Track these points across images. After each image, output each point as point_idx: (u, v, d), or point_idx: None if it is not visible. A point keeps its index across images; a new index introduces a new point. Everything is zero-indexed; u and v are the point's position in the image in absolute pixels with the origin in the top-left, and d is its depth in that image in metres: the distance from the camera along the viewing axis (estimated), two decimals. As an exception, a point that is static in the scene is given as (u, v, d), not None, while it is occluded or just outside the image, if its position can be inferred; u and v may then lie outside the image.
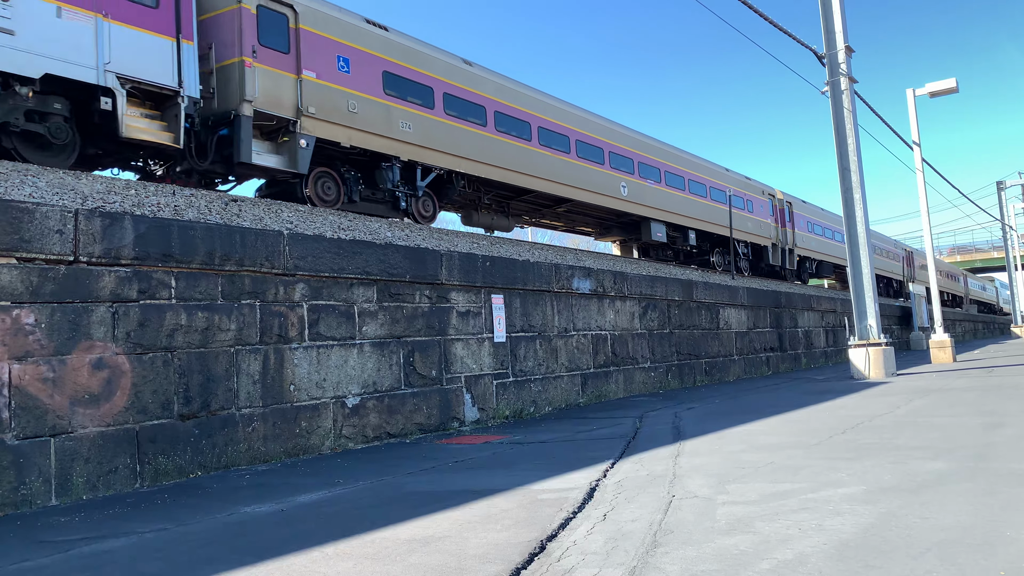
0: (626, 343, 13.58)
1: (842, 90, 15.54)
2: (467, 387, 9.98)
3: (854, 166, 15.42)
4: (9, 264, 5.84)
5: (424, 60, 13.41)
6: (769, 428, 8.04)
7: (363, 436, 8.47)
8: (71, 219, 6.21)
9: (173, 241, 6.89)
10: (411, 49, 13.19)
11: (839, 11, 15.58)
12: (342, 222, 10.07)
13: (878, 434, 7.06)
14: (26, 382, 5.82)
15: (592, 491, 5.21)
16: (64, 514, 5.50)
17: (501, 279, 10.72)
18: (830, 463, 5.70)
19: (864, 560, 3.32)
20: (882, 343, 14.92)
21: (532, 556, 3.73)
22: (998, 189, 43.48)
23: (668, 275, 16.08)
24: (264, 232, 7.72)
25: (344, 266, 8.45)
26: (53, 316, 6.04)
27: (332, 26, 11.68)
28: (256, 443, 7.40)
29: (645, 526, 4.15)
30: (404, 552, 3.92)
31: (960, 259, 72.54)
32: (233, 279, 7.42)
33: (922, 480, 4.88)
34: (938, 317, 20.85)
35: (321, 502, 5.39)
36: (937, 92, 21.14)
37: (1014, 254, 45.07)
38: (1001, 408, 8.47)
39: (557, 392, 11.68)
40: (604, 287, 13.00)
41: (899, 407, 9.23)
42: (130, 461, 6.40)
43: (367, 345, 8.68)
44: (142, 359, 6.60)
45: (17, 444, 5.72)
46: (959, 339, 39.88)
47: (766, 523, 4.04)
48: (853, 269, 15.49)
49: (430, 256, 9.62)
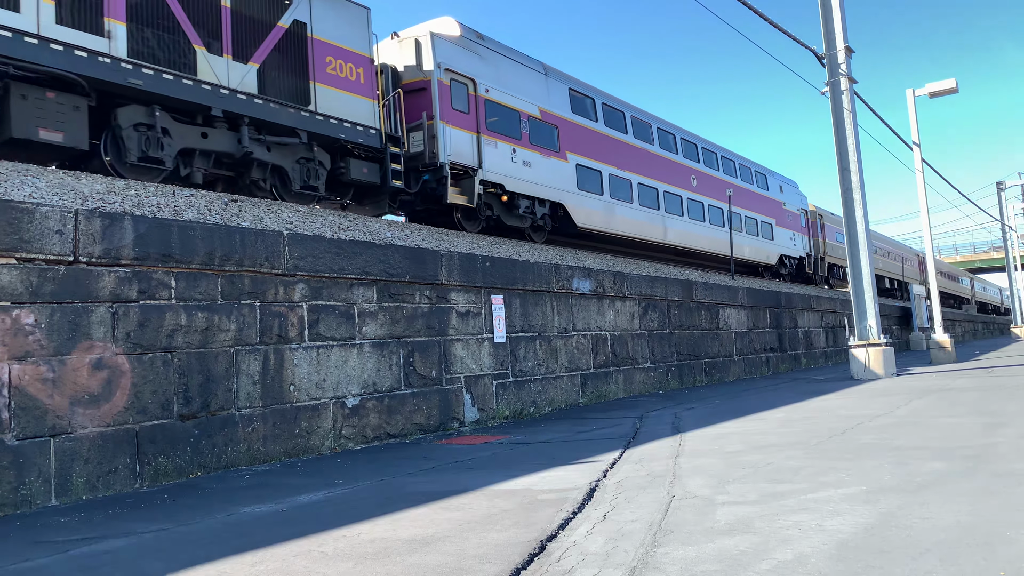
0: (626, 343, 13.58)
1: (842, 90, 15.55)
2: (467, 387, 9.98)
3: (854, 166, 15.42)
4: (9, 264, 5.84)
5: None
6: (769, 428, 8.04)
7: (363, 436, 8.47)
8: (71, 219, 6.21)
9: (173, 241, 6.89)
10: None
11: (839, 11, 15.58)
12: (341, 222, 10.07)
13: (878, 434, 7.06)
14: (26, 382, 5.82)
15: (592, 491, 5.21)
16: (64, 514, 5.49)
17: (501, 279, 10.72)
18: (830, 463, 5.70)
19: (864, 560, 3.31)
20: (882, 343, 14.92)
21: (532, 556, 3.73)
22: (998, 189, 43.48)
23: (668, 275, 16.08)
24: (264, 232, 7.72)
25: (344, 266, 8.45)
26: (53, 316, 6.04)
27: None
28: (256, 443, 7.40)
29: (645, 526, 4.15)
30: (404, 552, 3.92)
31: (960, 259, 72.61)
32: (233, 279, 7.42)
33: (922, 480, 4.88)
34: (938, 317, 20.85)
35: (321, 502, 5.38)
36: (937, 92, 21.15)
37: (1014, 254, 45.08)
38: (1001, 408, 8.47)
39: (557, 392, 11.68)
40: (604, 287, 13.00)
41: (899, 407, 9.23)
42: (130, 461, 6.40)
43: (367, 345, 8.68)
44: (142, 359, 6.60)
45: (17, 444, 5.72)
46: (959, 339, 39.88)
47: (766, 523, 4.04)
48: (853, 269, 15.50)
49: (430, 256, 9.62)
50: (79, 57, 8.38)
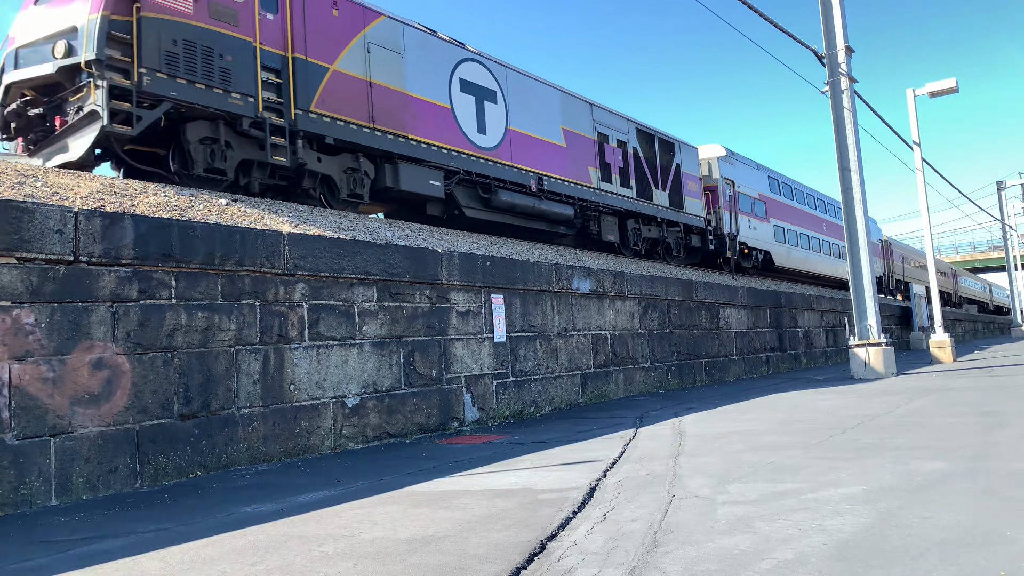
0: (626, 343, 13.58)
1: (842, 90, 15.54)
2: (467, 387, 9.98)
3: (854, 166, 15.41)
4: (9, 264, 5.84)
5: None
6: (769, 428, 8.04)
7: (363, 436, 8.47)
8: (71, 219, 6.20)
9: (173, 241, 6.89)
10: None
11: (839, 11, 15.57)
12: (342, 222, 10.07)
13: (878, 434, 7.06)
14: (26, 382, 5.82)
15: (592, 491, 5.21)
16: (64, 514, 5.50)
17: (501, 279, 10.71)
18: (830, 463, 5.70)
19: (864, 560, 3.32)
20: (882, 343, 14.91)
21: (532, 556, 3.72)
22: (998, 189, 43.47)
23: (668, 275, 16.07)
24: (264, 232, 7.72)
25: (344, 266, 8.45)
26: (53, 316, 6.05)
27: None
28: (256, 443, 7.41)
29: (645, 526, 4.15)
30: (404, 552, 3.92)
31: (960, 259, 72.60)
32: (233, 279, 7.42)
33: (922, 480, 4.88)
34: (938, 317, 20.84)
35: (321, 502, 5.38)
36: (937, 92, 21.15)
37: (1014, 254, 45.07)
38: (1001, 408, 8.48)
39: (557, 392, 11.68)
40: (604, 287, 13.00)
41: (899, 407, 9.23)
42: (130, 461, 6.40)
43: (367, 345, 8.68)
44: (142, 359, 6.60)
45: (17, 444, 5.72)
46: (959, 339, 39.87)
47: (766, 523, 4.04)
48: (853, 269, 15.48)
49: (430, 256, 9.62)
50: (617, 196, 17.80)
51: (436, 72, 13.17)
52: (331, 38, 11.19)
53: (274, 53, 10.37)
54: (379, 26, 12.11)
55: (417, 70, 12.73)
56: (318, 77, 10.89)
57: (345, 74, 11.34)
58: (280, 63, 10.43)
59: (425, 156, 12.56)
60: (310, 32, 10.85)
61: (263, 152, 10.15)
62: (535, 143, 15.33)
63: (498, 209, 14.35)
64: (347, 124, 11.22)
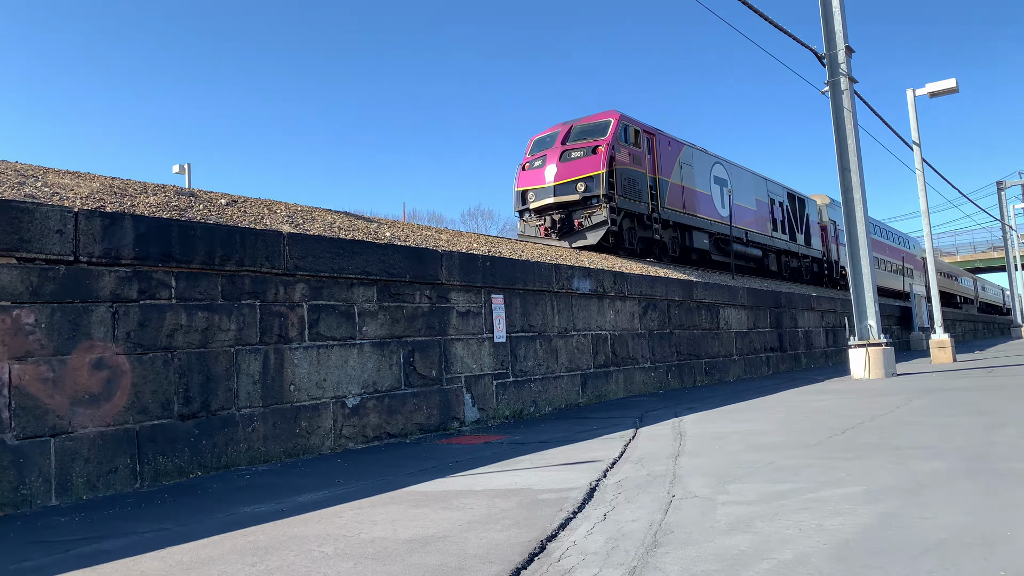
0: (626, 343, 13.58)
1: (842, 90, 15.54)
2: (467, 387, 9.98)
3: (854, 166, 15.41)
4: (9, 264, 5.84)
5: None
6: (769, 428, 8.04)
7: (363, 436, 8.47)
8: (71, 219, 6.20)
9: (173, 241, 6.89)
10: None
11: (839, 11, 15.58)
12: (342, 222, 10.07)
13: (878, 434, 7.06)
14: (26, 382, 5.82)
15: (592, 491, 5.21)
16: (64, 514, 5.50)
17: (501, 279, 10.72)
18: (830, 463, 5.70)
19: (864, 560, 3.32)
20: (882, 343, 14.91)
21: (532, 556, 3.73)
22: (998, 189, 43.51)
23: (668, 275, 16.07)
24: (264, 232, 7.72)
25: (344, 266, 8.45)
26: (53, 316, 6.05)
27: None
28: (256, 443, 7.41)
29: (645, 526, 4.15)
30: (404, 552, 3.92)
31: (960, 259, 72.57)
32: (233, 279, 7.42)
33: (922, 480, 4.89)
34: (938, 317, 20.85)
35: (321, 502, 5.38)
36: (937, 92, 21.17)
37: (1014, 254, 45.09)
38: (1001, 408, 8.48)
39: (557, 392, 11.68)
40: (604, 287, 13.00)
41: (899, 407, 9.23)
42: (130, 461, 6.40)
43: (367, 345, 8.68)
44: (142, 359, 6.60)
45: (17, 444, 5.72)
46: (959, 339, 39.89)
47: (766, 523, 4.04)
48: (853, 269, 15.49)
49: (430, 256, 9.62)
50: (779, 240, 26.75)
51: (703, 173, 21.74)
52: (668, 163, 19.95)
53: (650, 176, 19.01)
54: (684, 151, 20.89)
55: (696, 173, 21.27)
56: (664, 187, 19.56)
57: (674, 183, 20.04)
58: (652, 182, 19.04)
59: (703, 226, 21.23)
60: (660, 162, 19.57)
61: (648, 231, 18.82)
62: (743, 210, 24.01)
63: (726, 254, 22.17)
64: (675, 212, 19.96)
